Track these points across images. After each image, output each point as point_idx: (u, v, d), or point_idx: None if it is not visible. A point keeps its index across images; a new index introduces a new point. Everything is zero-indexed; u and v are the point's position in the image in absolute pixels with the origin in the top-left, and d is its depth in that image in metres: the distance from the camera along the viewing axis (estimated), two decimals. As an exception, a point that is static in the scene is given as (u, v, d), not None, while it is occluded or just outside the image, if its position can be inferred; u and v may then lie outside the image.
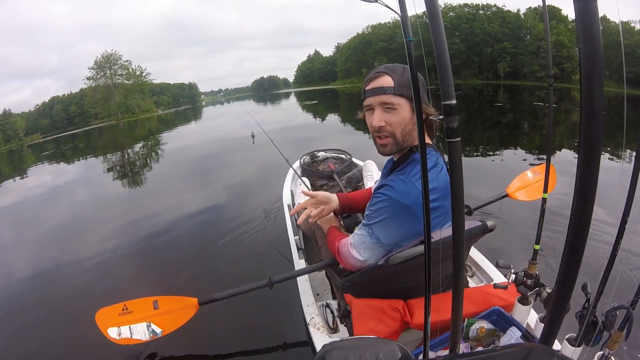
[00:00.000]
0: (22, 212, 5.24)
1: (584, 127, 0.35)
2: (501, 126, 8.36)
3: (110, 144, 15.34)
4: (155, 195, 5.00)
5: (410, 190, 0.87)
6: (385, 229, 0.92)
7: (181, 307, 1.33)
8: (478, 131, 7.48)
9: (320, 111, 16.15)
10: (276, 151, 2.22)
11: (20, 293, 2.51)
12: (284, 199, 2.45)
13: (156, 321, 1.29)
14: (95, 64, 40.32)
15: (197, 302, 1.33)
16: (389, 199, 0.89)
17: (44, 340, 1.89)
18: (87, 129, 32.96)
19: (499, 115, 10.39)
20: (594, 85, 0.34)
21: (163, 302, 1.32)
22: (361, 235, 0.97)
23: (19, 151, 22.56)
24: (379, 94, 0.90)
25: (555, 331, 0.53)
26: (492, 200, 1.70)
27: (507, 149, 5.48)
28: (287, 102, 28.97)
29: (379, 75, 0.92)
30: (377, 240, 0.94)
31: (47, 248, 3.39)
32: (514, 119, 9.28)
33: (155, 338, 1.29)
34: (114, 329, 1.26)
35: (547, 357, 0.42)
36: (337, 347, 0.42)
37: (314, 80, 68.47)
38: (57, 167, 10.33)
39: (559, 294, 0.49)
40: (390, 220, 0.90)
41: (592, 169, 0.37)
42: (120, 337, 1.26)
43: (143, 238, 3.18)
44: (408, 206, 0.87)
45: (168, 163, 7.85)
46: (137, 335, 1.27)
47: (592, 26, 0.33)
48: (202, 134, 13.34)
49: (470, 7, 34.08)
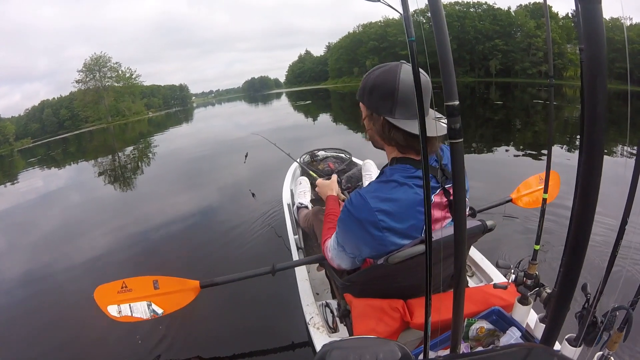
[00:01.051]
0: (13, 217, 5.16)
1: (587, 130, 0.35)
2: (499, 124, 8.37)
3: (102, 148, 15.26)
4: (148, 199, 4.94)
5: (362, 205, 0.86)
6: (344, 238, 0.96)
7: (182, 288, 1.32)
8: (488, 129, 7.48)
9: (313, 111, 16.13)
10: (276, 151, 2.22)
11: (14, 292, 2.52)
12: (283, 199, 2.44)
13: (157, 301, 1.28)
14: (85, 66, 40.16)
15: (198, 284, 1.33)
16: (347, 211, 0.90)
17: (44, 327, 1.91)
18: (78, 133, 32.76)
19: (494, 113, 10.41)
20: (597, 87, 0.34)
21: (163, 282, 1.30)
22: (333, 240, 1.03)
23: (8, 156, 22.31)
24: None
25: (556, 331, 0.53)
26: (496, 204, 1.77)
27: (505, 146, 5.51)
28: (279, 102, 28.88)
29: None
30: (342, 248, 0.99)
31: (39, 252, 3.36)
32: (507, 117, 9.37)
33: (155, 317, 1.29)
34: (113, 306, 1.25)
35: (547, 357, 0.42)
36: (337, 347, 0.42)
37: (305, 80, 68.51)
38: (48, 172, 10.23)
39: (560, 294, 0.49)
40: (346, 231, 0.94)
41: (594, 172, 0.37)
42: (120, 315, 1.25)
43: (135, 245, 3.12)
44: (360, 220, 0.86)
45: (160, 165, 7.79)
46: (137, 313, 1.27)
47: (596, 28, 0.33)
48: (193, 135, 13.35)
49: (461, 5, 34.24)
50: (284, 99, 32.87)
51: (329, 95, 27.75)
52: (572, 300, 0.52)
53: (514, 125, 7.91)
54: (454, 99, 0.44)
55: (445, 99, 0.44)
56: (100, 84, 40.68)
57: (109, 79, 41.40)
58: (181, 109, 53.49)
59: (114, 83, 41.83)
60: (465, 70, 34.07)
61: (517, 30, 30.79)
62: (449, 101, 0.44)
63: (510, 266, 1.03)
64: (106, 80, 41.15)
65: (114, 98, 41.28)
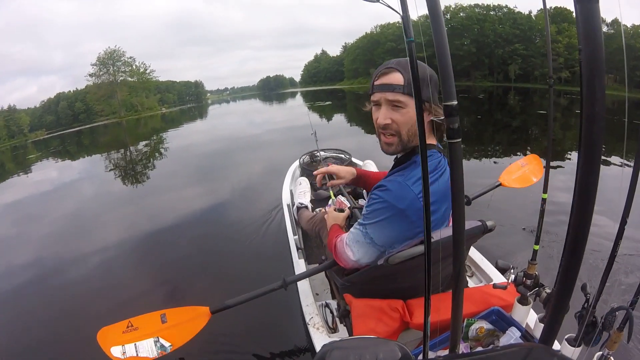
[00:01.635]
0: (24, 209, 5.22)
1: (585, 130, 0.35)
2: (516, 130, 8.17)
3: (114, 142, 15.27)
4: (160, 194, 4.99)
5: (406, 193, 0.86)
6: (378, 230, 0.92)
7: (192, 317, 1.25)
8: (505, 134, 7.31)
9: (328, 111, 15.94)
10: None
11: (19, 297, 2.46)
12: (283, 199, 2.44)
13: (165, 335, 1.21)
14: (98, 60, 39.63)
15: (208, 310, 1.27)
16: (384, 201, 0.88)
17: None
18: (92, 126, 32.74)
19: (513, 119, 10.06)
20: (595, 87, 0.34)
21: (172, 314, 1.24)
22: (356, 234, 0.97)
23: (22, 147, 22.43)
24: (387, 90, 0.88)
25: (555, 331, 0.53)
26: (487, 190, 1.76)
27: (520, 154, 5.47)
28: (294, 101, 28.70)
29: (390, 71, 0.88)
30: (370, 241, 0.94)
31: (48, 247, 3.38)
32: (524, 123, 9.10)
33: (164, 354, 1.19)
34: (117, 347, 1.16)
35: (547, 357, 0.42)
36: (337, 347, 0.42)
37: (320, 80, 67.99)
38: (61, 165, 10.34)
39: (559, 294, 0.49)
40: (384, 222, 0.90)
41: (592, 172, 0.37)
42: (125, 356, 1.16)
43: (146, 236, 3.19)
44: (403, 210, 0.86)
45: (174, 161, 7.82)
46: (143, 352, 1.17)
47: (593, 28, 0.33)
48: (208, 132, 13.45)
49: (481, 8, 33.38)
50: (299, 98, 32.62)
51: (345, 96, 27.50)
52: (573, 301, 0.52)
53: (531, 133, 7.63)
54: (452, 99, 0.44)
55: (444, 99, 0.45)
56: (114, 78, 40.24)
57: (122, 74, 40.98)
58: (195, 105, 53.39)
59: (127, 78, 41.34)
60: (484, 74, 33.24)
61: (537, 35, 29.67)
62: (448, 101, 0.44)
63: (509, 266, 1.03)
64: (120, 74, 40.78)
65: (128, 93, 40.89)
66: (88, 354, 1.26)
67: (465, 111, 11.36)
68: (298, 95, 38.75)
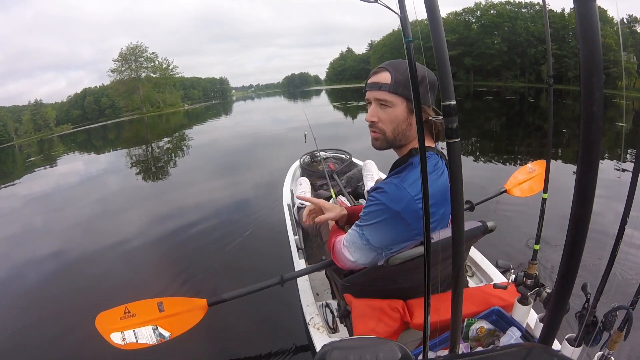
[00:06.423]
0: (47, 202, 5.46)
1: (584, 129, 0.35)
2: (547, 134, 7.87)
3: (136, 138, 15.63)
4: (179, 188, 5.14)
5: (401, 196, 0.86)
6: (375, 232, 0.92)
7: (189, 308, 1.26)
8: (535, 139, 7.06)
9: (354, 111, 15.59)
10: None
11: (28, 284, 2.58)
12: (283, 199, 2.44)
13: (163, 324, 1.22)
14: (120, 56, 39.20)
15: (206, 302, 1.28)
16: (380, 204, 0.89)
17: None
18: (117, 121, 32.84)
19: (544, 121, 9.54)
20: (593, 86, 0.34)
21: (168, 303, 1.25)
22: (353, 235, 0.98)
23: (48, 141, 22.66)
24: (375, 89, 0.92)
25: (554, 331, 0.53)
26: (491, 196, 1.74)
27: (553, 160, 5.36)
28: (318, 99, 28.59)
29: (380, 71, 0.93)
30: (367, 242, 0.94)
31: (64, 236, 3.60)
32: (556, 126, 8.73)
33: (162, 341, 1.22)
34: (117, 334, 1.18)
35: (547, 357, 0.42)
36: (337, 347, 0.42)
37: (345, 78, 66.89)
38: (87, 158, 10.79)
39: (558, 294, 0.49)
40: (380, 224, 0.90)
41: (591, 170, 0.37)
42: (124, 343, 1.18)
43: (166, 233, 3.25)
44: (398, 212, 0.86)
45: (195, 158, 8.06)
46: (142, 339, 1.19)
47: (591, 26, 0.33)
48: (232, 128, 13.67)
49: (512, 5, 31.77)
50: (324, 96, 32.28)
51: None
52: (572, 300, 0.52)
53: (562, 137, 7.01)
54: (450, 99, 0.44)
55: (442, 99, 0.45)
56: (136, 74, 39.77)
57: (144, 70, 40.51)
58: (220, 101, 53.53)
59: (150, 74, 40.80)
60: (515, 74, 31.69)
61: (570, 35, 27.68)
62: (446, 101, 0.44)
63: (510, 266, 1.03)
64: (142, 70, 40.28)
65: (150, 88, 40.45)
66: (87, 333, 1.28)
67: (495, 112, 11.54)
68: (323, 93, 38.52)
